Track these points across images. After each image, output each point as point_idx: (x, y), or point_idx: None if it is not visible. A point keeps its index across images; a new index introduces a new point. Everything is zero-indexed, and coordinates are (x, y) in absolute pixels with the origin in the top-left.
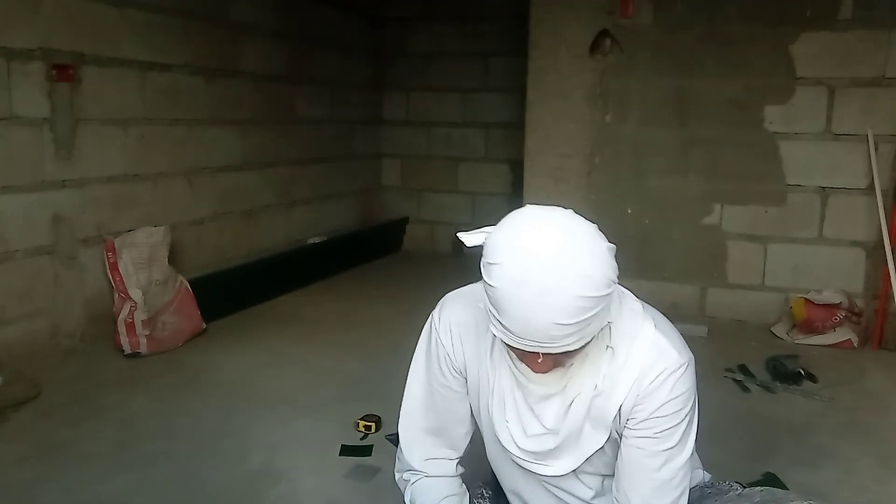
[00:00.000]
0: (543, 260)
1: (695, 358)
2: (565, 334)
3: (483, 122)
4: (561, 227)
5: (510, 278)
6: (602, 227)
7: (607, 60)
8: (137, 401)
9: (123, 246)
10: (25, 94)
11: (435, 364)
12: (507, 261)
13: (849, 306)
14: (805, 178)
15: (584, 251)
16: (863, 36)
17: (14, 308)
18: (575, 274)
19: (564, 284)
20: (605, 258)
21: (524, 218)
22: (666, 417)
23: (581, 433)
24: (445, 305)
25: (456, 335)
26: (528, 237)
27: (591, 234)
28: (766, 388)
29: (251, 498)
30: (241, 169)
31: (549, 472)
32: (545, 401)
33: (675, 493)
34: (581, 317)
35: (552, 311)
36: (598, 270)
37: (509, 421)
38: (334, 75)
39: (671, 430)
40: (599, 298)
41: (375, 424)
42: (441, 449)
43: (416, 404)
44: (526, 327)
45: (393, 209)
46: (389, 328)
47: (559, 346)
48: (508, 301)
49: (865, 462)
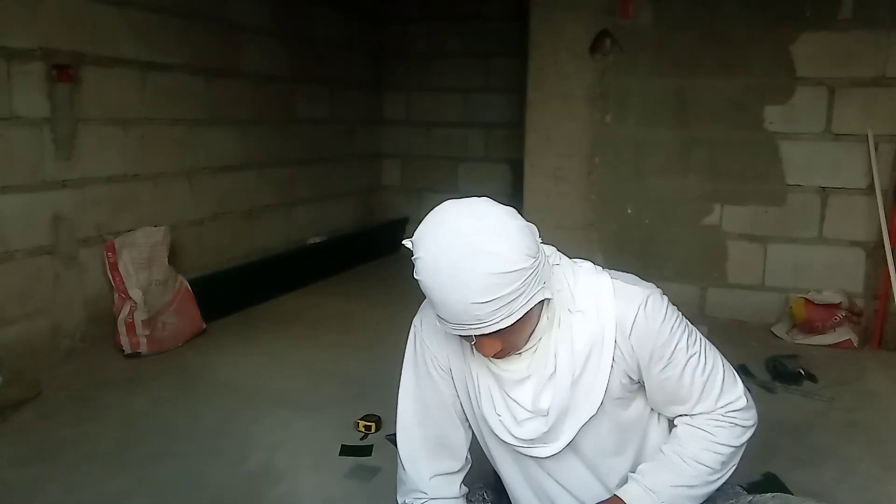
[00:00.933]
0: (450, 245)
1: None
2: (488, 312)
3: (483, 122)
4: (467, 213)
5: (426, 268)
6: (602, 227)
7: (607, 60)
8: (137, 401)
9: (123, 246)
10: (25, 94)
11: (423, 369)
12: (422, 253)
13: (849, 306)
14: (805, 178)
15: (489, 232)
16: (863, 36)
17: (14, 308)
18: (480, 253)
19: (471, 265)
20: (516, 235)
21: (437, 211)
22: (666, 343)
23: (571, 405)
24: (424, 309)
25: (440, 333)
26: (437, 228)
27: (500, 215)
28: (766, 388)
29: (251, 498)
30: (241, 169)
31: (549, 452)
32: (519, 385)
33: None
34: (497, 293)
35: (466, 292)
36: (505, 248)
37: (501, 414)
38: (334, 75)
39: (678, 349)
40: (513, 274)
41: (375, 424)
42: (444, 460)
43: (411, 418)
44: (450, 312)
45: (393, 209)
46: (389, 328)
47: (488, 324)
48: (431, 290)
49: (865, 462)
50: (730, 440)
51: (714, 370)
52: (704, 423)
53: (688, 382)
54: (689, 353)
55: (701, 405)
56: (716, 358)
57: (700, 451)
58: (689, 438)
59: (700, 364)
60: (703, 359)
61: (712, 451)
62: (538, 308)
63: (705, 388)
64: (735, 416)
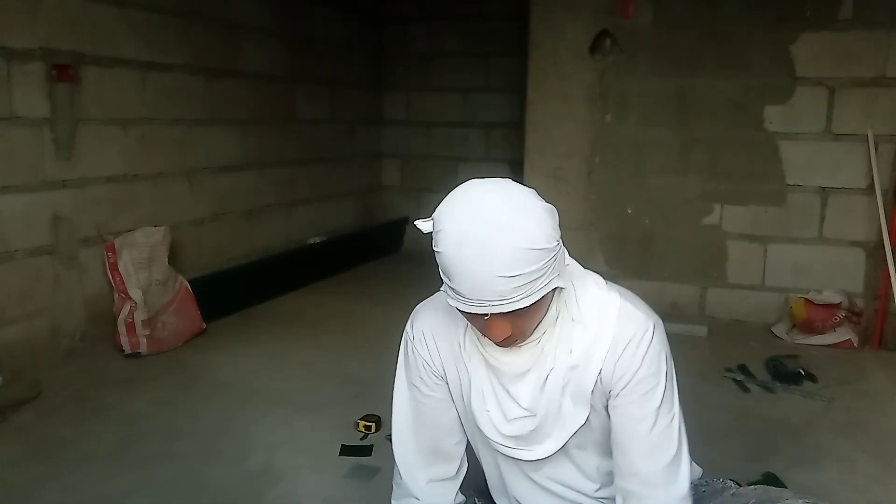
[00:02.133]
0: (479, 218)
1: (694, 358)
2: (511, 288)
3: (483, 122)
4: (495, 190)
5: (451, 240)
6: (602, 227)
7: (607, 60)
8: (137, 401)
9: (123, 246)
10: (25, 94)
11: (416, 375)
12: (447, 225)
13: (849, 306)
14: (805, 178)
15: (518, 208)
16: (863, 36)
17: (14, 308)
18: (510, 227)
19: (501, 237)
20: (541, 215)
21: (463, 188)
22: (645, 380)
23: (560, 411)
24: (415, 316)
25: (430, 339)
26: (465, 202)
27: (526, 194)
28: (765, 388)
29: (251, 498)
30: (241, 169)
31: (534, 455)
32: (519, 380)
33: (670, 452)
34: (523, 269)
35: (493, 264)
36: (532, 225)
37: (490, 410)
38: (334, 75)
39: (652, 391)
40: (539, 252)
41: (375, 424)
42: (439, 466)
43: (405, 425)
44: (472, 285)
45: (393, 209)
46: (389, 328)
47: (507, 302)
48: (452, 261)
49: (865, 462)
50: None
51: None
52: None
53: (644, 430)
54: (660, 402)
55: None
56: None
57: None
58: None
59: (664, 421)
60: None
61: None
62: (550, 296)
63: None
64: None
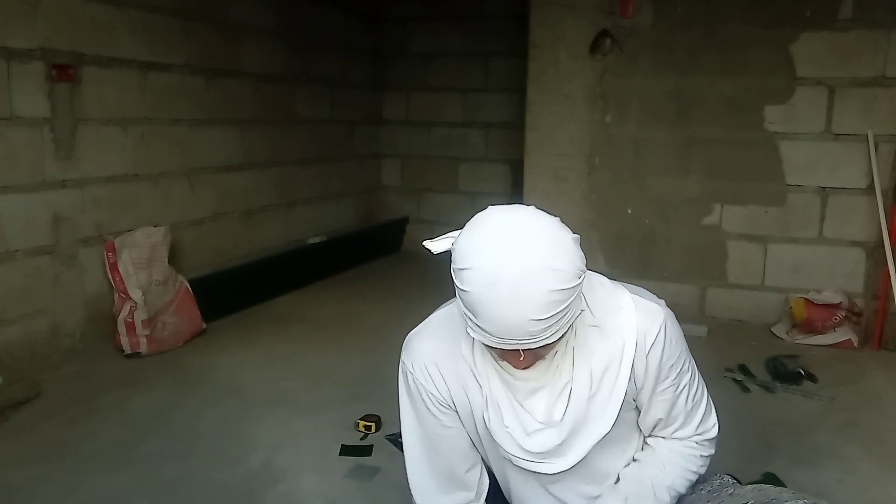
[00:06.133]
0: (512, 259)
1: (694, 358)
2: (542, 329)
3: (483, 122)
4: (526, 225)
5: (481, 280)
6: (602, 227)
7: (607, 60)
8: (137, 401)
9: (123, 246)
10: (25, 94)
11: (422, 407)
12: (476, 264)
13: (849, 306)
14: (805, 178)
15: (550, 246)
16: (863, 36)
17: (14, 308)
18: (544, 269)
19: (535, 281)
20: (572, 249)
21: (488, 219)
22: (673, 365)
23: (586, 421)
24: (410, 347)
25: (433, 369)
26: (494, 238)
27: (555, 228)
28: (765, 388)
29: (251, 498)
30: (241, 169)
31: (555, 468)
32: (533, 395)
33: (701, 410)
34: (555, 310)
35: (526, 308)
36: (566, 263)
37: (509, 426)
38: (334, 75)
39: (682, 371)
40: (571, 290)
41: (375, 424)
42: (457, 492)
43: (418, 456)
44: (502, 327)
45: (393, 209)
46: (389, 328)
47: (538, 340)
48: (482, 303)
49: (865, 462)
50: (699, 468)
51: (700, 396)
52: (681, 449)
53: (681, 405)
54: (689, 376)
55: (682, 430)
56: (702, 384)
57: (677, 478)
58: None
59: (693, 388)
60: (695, 383)
61: (686, 479)
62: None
63: (691, 413)
64: (706, 444)
